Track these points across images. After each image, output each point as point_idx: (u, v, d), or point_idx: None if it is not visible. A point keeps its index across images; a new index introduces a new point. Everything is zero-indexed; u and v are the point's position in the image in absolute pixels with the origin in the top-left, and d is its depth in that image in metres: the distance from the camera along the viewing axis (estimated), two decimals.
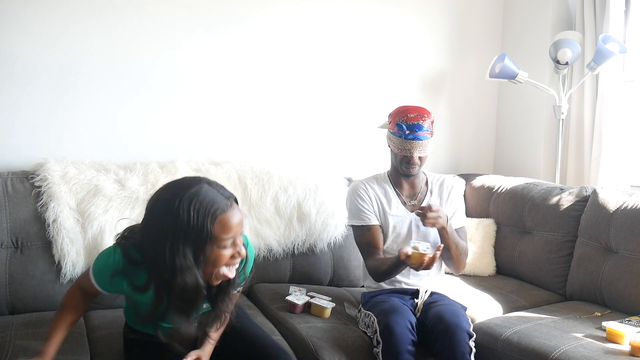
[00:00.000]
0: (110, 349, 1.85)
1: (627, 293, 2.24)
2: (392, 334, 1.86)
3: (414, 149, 2.17)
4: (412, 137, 2.16)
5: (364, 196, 2.28)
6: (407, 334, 1.87)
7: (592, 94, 2.98)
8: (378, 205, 2.28)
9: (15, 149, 2.38)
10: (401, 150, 2.19)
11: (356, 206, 2.27)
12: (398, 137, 2.19)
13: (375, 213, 2.26)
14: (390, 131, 2.24)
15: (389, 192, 2.30)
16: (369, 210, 2.26)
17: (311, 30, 2.92)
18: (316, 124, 2.97)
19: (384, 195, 2.30)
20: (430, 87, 3.28)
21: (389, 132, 2.26)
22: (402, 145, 2.18)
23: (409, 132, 2.16)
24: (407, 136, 2.16)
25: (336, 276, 2.62)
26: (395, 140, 2.21)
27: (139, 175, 2.35)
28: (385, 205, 2.28)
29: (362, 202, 2.27)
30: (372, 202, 2.27)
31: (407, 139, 2.17)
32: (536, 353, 1.91)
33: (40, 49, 2.38)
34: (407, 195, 2.32)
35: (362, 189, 2.29)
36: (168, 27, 2.60)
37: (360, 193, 2.28)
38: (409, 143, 2.17)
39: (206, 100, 2.72)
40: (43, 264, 2.15)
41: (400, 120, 2.18)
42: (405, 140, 2.17)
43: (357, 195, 2.28)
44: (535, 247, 2.63)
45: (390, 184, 2.33)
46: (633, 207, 2.33)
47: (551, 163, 3.21)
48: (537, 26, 3.23)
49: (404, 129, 2.17)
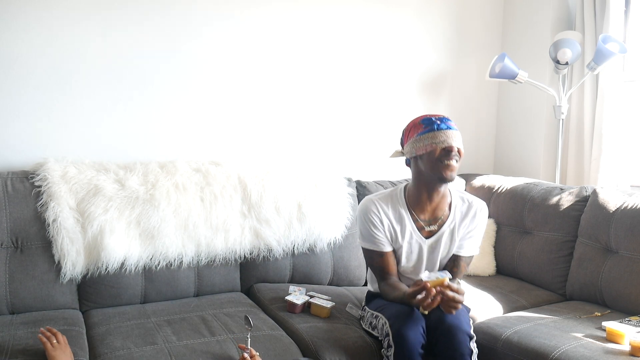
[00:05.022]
0: (110, 347, 1.85)
1: (627, 293, 2.24)
2: (406, 339, 1.82)
3: (451, 138, 1.92)
4: (446, 127, 1.93)
5: (375, 221, 2.06)
6: (419, 339, 1.84)
7: (592, 94, 2.98)
8: (391, 232, 2.07)
9: (15, 149, 2.38)
10: (437, 143, 1.92)
11: (367, 231, 2.08)
12: (428, 133, 1.94)
13: (387, 239, 2.07)
14: (416, 135, 1.98)
15: (403, 217, 2.07)
16: (380, 236, 2.06)
17: (311, 30, 2.91)
18: (316, 123, 2.97)
19: (398, 220, 2.07)
20: (430, 87, 3.28)
21: (414, 139, 1.99)
22: (437, 137, 1.92)
23: (440, 122, 1.94)
24: (439, 126, 1.93)
25: (336, 276, 2.62)
26: (426, 139, 1.94)
27: (139, 175, 2.35)
28: (398, 232, 2.07)
29: (373, 228, 2.06)
30: (384, 228, 2.06)
31: (440, 130, 1.93)
32: (536, 353, 1.91)
33: (40, 48, 2.38)
34: (425, 220, 2.09)
35: (374, 213, 2.06)
36: (168, 27, 2.60)
37: (371, 218, 2.06)
38: (444, 133, 1.92)
39: (206, 100, 2.71)
40: (43, 263, 2.15)
41: (424, 117, 1.98)
42: (439, 131, 1.92)
43: (368, 220, 2.07)
44: (535, 247, 2.63)
45: (406, 206, 2.08)
46: (633, 207, 2.32)
47: (551, 163, 3.20)
48: (537, 26, 3.23)
49: (434, 120, 1.94)
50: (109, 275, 2.21)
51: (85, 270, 2.18)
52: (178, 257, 2.30)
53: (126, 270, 2.22)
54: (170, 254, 2.28)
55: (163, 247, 2.26)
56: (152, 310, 2.18)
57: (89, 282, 2.21)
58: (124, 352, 1.82)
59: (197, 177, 2.42)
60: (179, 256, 2.30)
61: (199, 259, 2.35)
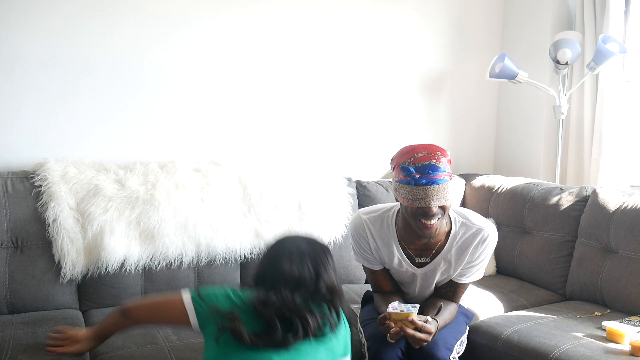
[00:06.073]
0: (110, 346, 1.85)
1: (627, 293, 2.24)
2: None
3: (430, 197, 1.67)
4: (426, 182, 1.67)
5: (363, 244, 1.93)
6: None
7: (592, 94, 2.98)
8: (379, 255, 1.93)
9: (15, 149, 2.38)
10: (413, 201, 1.69)
11: (357, 248, 1.98)
12: (406, 186, 1.70)
13: (376, 259, 1.95)
14: (396, 180, 1.76)
15: (391, 245, 1.89)
16: (369, 257, 1.95)
17: (311, 30, 2.92)
18: (316, 123, 2.97)
19: (386, 245, 1.90)
20: (430, 87, 3.28)
21: (394, 182, 1.78)
22: (414, 194, 1.69)
23: (420, 175, 1.68)
24: (418, 181, 1.68)
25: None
26: (403, 190, 1.72)
27: (139, 175, 2.35)
28: (386, 257, 1.92)
29: (361, 249, 1.96)
30: (371, 249, 1.93)
31: (418, 185, 1.68)
32: (536, 352, 1.91)
33: (41, 48, 2.38)
34: (416, 250, 1.89)
35: (362, 237, 1.92)
36: (168, 27, 2.60)
37: (359, 240, 1.94)
38: (422, 190, 1.67)
39: (206, 100, 2.71)
40: (43, 263, 2.15)
41: (405, 163, 1.71)
42: (417, 187, 1.68)
43: (356, 240, 1.96)
44: (535, 247, 2.63)
45: (395, 233, 1.89)
46: (633, 207, 2.32)
47: (551, 163, 3.20)
48: (537, 26, 3.23)
49: (412, 172, 1.69)
50: (109, 275, 2.21)
51: (85, 270, 2.18)
52: (178, 257, 2.30)
53: (126, 270, 2.22)
54: (170, 254, 2.28)
55: (163, 247, 2.26)
56: None
57: (89, 282, 2.21)
58: (125, 351, 1.83)
59: (197, 177, 2.42)
60: (179, 256, 2.30)
61: (199, 259, 2.34)
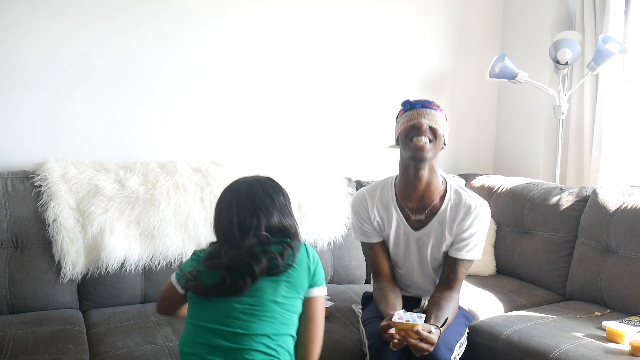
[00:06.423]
0: (110, 346, 1.85)
1: (627, 293, 2.24)
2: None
3: (422, 116, 1.88)
4: (420, 106, 1.90)
5: (363, 213, 2.04)
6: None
7: (592, 94, 2.98)
8: (378, 222, 2.03)
9: (15, 149, 2.38)
10: (407, 122, 1.89)
11: (356, 222, 2.08)
12: (404, 114, 1.92)
13: (374, 229, 2.05)
14: (397, 119, 1.98)
15: (390, 205, 2.02)
16: (367, 227, 2.05)
17: (312, 30, 2.92)
18: (316, 123, 2.97)
19: (385, 209, 2.02)
20: (430, 87, 3.28)
21: (396, 123, 1.99)
22: (409, 116, 1.90)
23: (416, 102, 1.91)
24: (413, 105, 1.90)
25: (336, 276, 2.61)
26: (401, 119, 1.93)
27: (139, 175, 2.35)
28: (385, 222, 2.03)
29: (361, 220, 2.05)
30: (370, 219, 2.04)
31: (414, 109, 1.90)
32: (536, 352, 1.91)
33: (41, 48, 2.38)
34: (413, 208, 2.00)
35: (362, 205, 2.05)
36: (168, 27, 2.60)
37: (359, 210, 2.05)
38: (417, 111, 1.89)
39: (206, 100, 2.72)
40: (43, 263, 2.16)
41: (403, 102, 1.96)
42: (412, 110, 1.90)
43: (356, 212, 2.07)
44: (535, 247, 2.63)
45: (394, 193, 2.03)
46: (633, 207, 2.32)
47: (551, 163, 3.21)
48: (537, 26, 3.23)
49: (410, 101, 1.92)
50: (109, 275, 2.21)
51: (85, 270, 2.18)
52: (178, 257, 2.29)
53: (126, 270, 2.22)
54: (170, 254, 2.28)
55: (163, 247, 2.26)
56: (152, 310, 2.16)
57: (89, 282, 2.21)
58: (124, 351, 1.82)
59: (197, 177, 2.42)
60: (179, 256, 2.29)
61: None
